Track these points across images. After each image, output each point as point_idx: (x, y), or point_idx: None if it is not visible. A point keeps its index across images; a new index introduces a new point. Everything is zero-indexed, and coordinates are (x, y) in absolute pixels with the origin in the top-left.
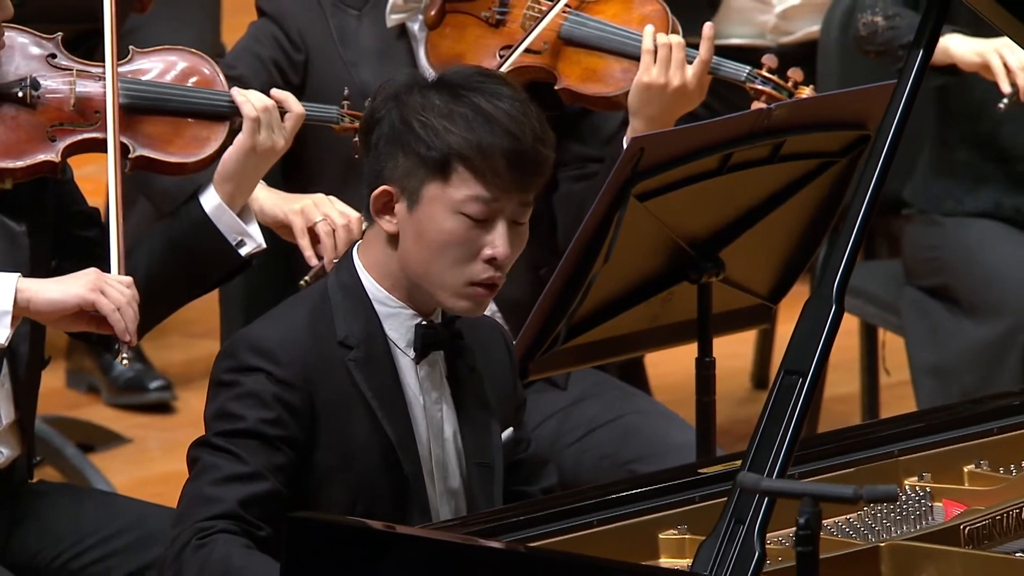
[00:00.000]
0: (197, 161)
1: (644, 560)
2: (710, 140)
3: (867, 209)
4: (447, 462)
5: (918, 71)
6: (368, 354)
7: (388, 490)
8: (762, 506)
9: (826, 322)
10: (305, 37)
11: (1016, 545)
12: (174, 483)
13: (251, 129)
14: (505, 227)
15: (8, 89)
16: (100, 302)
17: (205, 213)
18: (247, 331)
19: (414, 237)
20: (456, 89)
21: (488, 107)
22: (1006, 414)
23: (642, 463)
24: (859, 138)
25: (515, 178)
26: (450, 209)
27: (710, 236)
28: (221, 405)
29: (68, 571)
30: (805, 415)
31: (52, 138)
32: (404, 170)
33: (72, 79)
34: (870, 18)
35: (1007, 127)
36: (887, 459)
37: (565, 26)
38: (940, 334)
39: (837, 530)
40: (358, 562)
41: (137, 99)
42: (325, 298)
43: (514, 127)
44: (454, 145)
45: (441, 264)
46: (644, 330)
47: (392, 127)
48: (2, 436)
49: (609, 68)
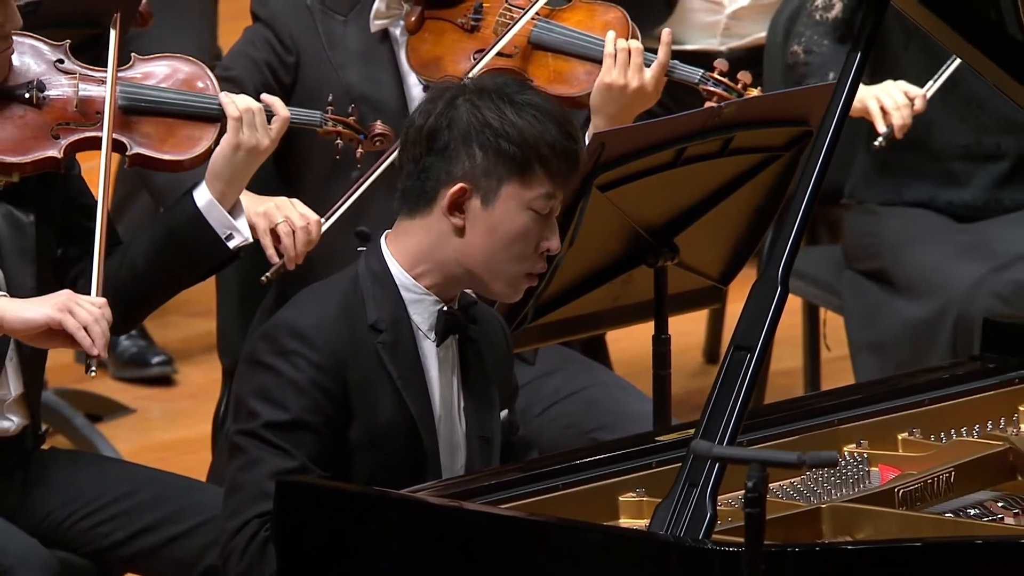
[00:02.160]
0: (190, 159)
1: (605, 521)
2: (666, 136)
3: (809, 199)
4: (457, 438)
5: (856, 72)
6: (395, 338)
7: (407, 465)
8: (714, 471)
9: (772, 302)
10: (296, 40)
11: (945, 506)
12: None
13: (235, 128)
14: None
15: (17, 90)
16: (67, 321)
17: (197, 208)
18: (285, 315)
19: (486, 231)
20: (507, 96)
21: (546, 106)
22: (937, 386)
23: (604, 431)
24: (802, 134)
25: (570, 173)
26: (524, 205)
27: (666, 223)
28: (262, 388)
29: (77, 531)
30: (753, 387)
31: (56, 136)
32: (483, 168)
33: (76, 82)
34: (795, 48)
35: (939, 131)
36: (828, 428)
37: (534, 32)
38: (877, 313)
39: (782, 493)
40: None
41: (134, 101)
42: (356, 284)
43: (569, 126)
44: (533, 143)
45: (506, 256)
46: (605, 310)
47: (470, 126)
48: (12, 407)
49: (574, 70)
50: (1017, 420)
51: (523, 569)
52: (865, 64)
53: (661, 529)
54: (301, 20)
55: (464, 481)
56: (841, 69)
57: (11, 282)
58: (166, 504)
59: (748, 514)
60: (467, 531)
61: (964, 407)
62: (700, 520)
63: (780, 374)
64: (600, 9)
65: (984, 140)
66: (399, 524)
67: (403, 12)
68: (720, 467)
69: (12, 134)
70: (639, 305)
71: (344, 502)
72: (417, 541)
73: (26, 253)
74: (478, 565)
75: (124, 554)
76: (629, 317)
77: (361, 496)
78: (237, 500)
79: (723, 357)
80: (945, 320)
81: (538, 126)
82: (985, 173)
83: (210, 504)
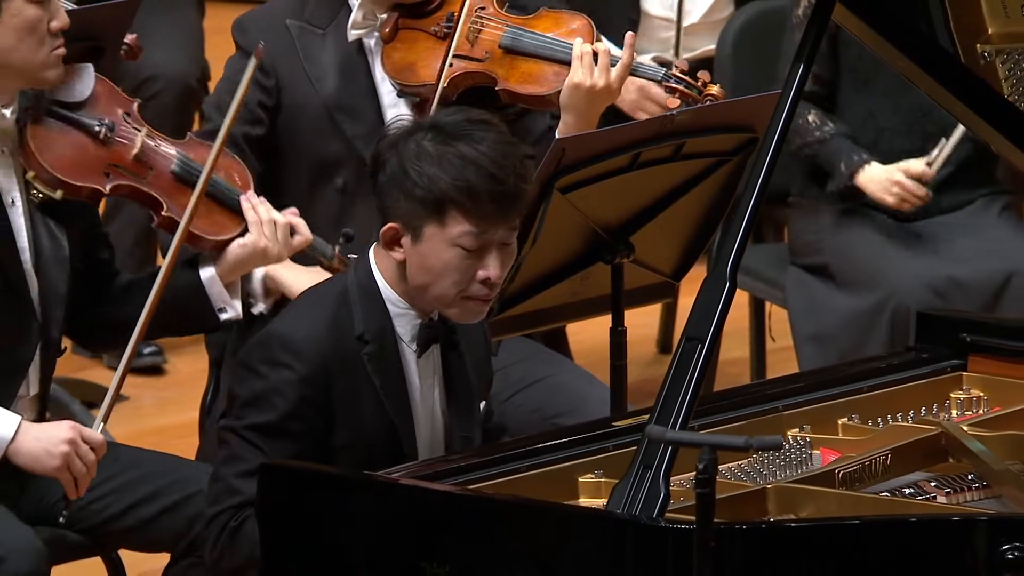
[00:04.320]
0: (212, 241)
1: (566, 500)
2: (622, 141)
3: (756, 200)
4: (436, 439)
5: (799, 83)
6: (380, 348)
7: (387, 466)
8: (667, 454)
9: (721, 296)
10: (275, 62)
11: (882, 486)
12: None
13: (258, 233)
14: (495, 252)
15: (90, 121)
16: (64, 478)
17: (200, 280)
18: (278, 327)
19: (419, 265)
20: (446, 136)
21: (473, 153)
22: (875, 375)
23: (564, 417)
24: (749, 140)
25: (500, 213)
26: (447, 243)
27: (622, 223)
28: (252, 393)
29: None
30: (703, 376)
31: (107, 174)
32: (406, 210)
33: (142, 137)
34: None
35: (887, 138)
36: (773, 414)
37: (505, 37)
38: (818, 307)
39: (731, 474)
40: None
41: (186, 175)
42: (345, 296)
43: (497, 170)
44: (445, 190)
45: (442, 286)
46: (566, 304)
47: (393, 173)
48: (26, 404)
49: (543, 72)
50: (948, 406)
51: (490, 545)
52: (807, 75)
53: (618, 508)
54: (280, 41)
55: (436, 464)
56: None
57: (47, 288)
58: (155, 479)
59: (699, 494)
60: (437, 510)
61: (899, 394)
62: (654, 500)
63: (728, 363)
64: (566, 17)
65: (928, 146)
66: (374, 504)
67: (378, 23)
68: (673, 450)
69: (72, 156)
70: (597, 299)
71: (323, 483)
72: (390, 520)
73: (61, 263)
74: (448, 542)
75: (117, 528)
76: (588, 311)
77: (338, 478)
78: (216, 490)
79: (675, 348)
80: (882, 313)
81: (455, 173)
82: None
83: (196, 478)
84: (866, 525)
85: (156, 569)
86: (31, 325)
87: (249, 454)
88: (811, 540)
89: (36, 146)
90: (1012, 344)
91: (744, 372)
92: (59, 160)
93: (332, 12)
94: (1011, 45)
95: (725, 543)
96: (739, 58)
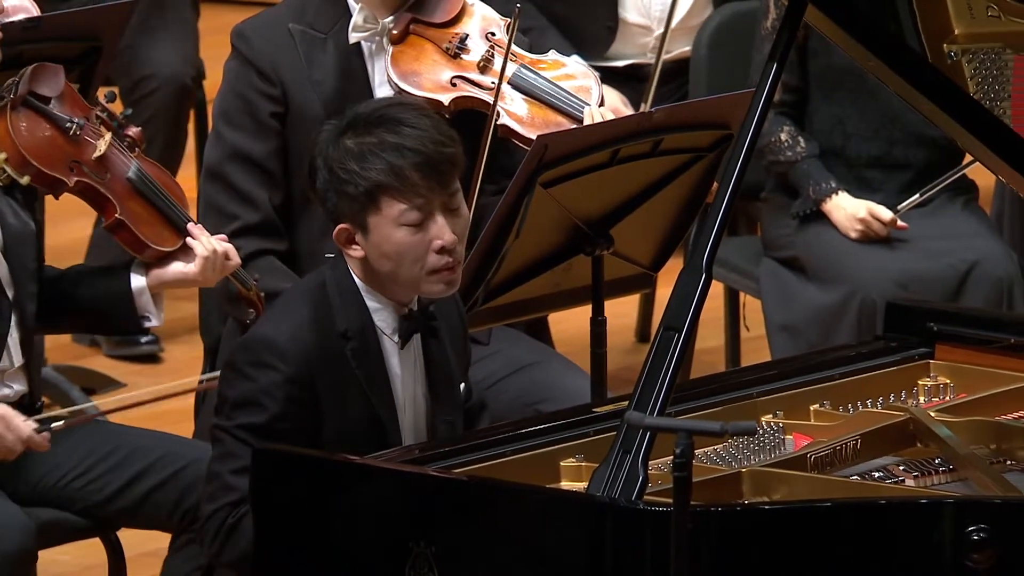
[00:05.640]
0: (151, 250)
1: (548, 483)
2: (602, 138)
3: (731, 194)
4: (419, 426)
5: (772, 82)
6: (362, 343)
7: None
8: (645, 439)
9: (697, 287)
10: (278, 69)
11: (852, 470)
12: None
13: (202, 264)
14: (443, 218)
15: (64, 119)
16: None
17: (131, 289)
18: (261, 329)
19: (377, 256)
20: (364, 129)
21: (390, 137)
22: (844, 363)
23: (546, 404)
24: (724, 136)
25: (430, 182)
26: (392, 226)
27: (602, 217)
28: (241, 395)
29: (71, 490)
30: (680, 364)
31: (71, 168)
32: (347, 209)
33: (106, 141)
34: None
35: (855, 143)
36: (747, 400)
37: (514, 75)
38: (790, 298)
39: (707, 458)
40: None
41: (143, 187)
42: (324, 295)
43: (415, 143)
44: (372, 179)
45: (406, 266)
46: (548, 294)
47: (325, 179)
48: (13, 375)
49: (545, 118)
50: (916, 393)
51: (476, 526)
52: (780, 75)
53: (598, 491)
54: (283, 48)
55: (423, 448)
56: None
57: (16, 265)
58: (147, 454)
59: (676, 477)
60: (425, 493)
61: (869, 381)
62: (633, 483)
63: (704, 352)
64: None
65: (894, 151)
66: (365, 487)
67: (379, 27)
68: (651, 435)
69: (43, 144)
70: (578, 290)
71: (315, 468)
72: (380, 502)
73: (28, 239)
74: (435, 523)
75: (115, 507)
76: (569, 301)
77: (330, 463)
78: (212, 487)
79: (653, 337)
80: (851, 304)
81: (376, 160)
82: (893, 180)
83: (186, 452)
84: (837, 507)
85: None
86: (2, 301)
87: (242, 451)
88: (784, 522)
89: (14, 130)
90: (977, 333)
91: (719, 360)
92: (34, 147)
93: (333, 17)
94: (976, 45)
95: (701, 525)
96: (714, 59)
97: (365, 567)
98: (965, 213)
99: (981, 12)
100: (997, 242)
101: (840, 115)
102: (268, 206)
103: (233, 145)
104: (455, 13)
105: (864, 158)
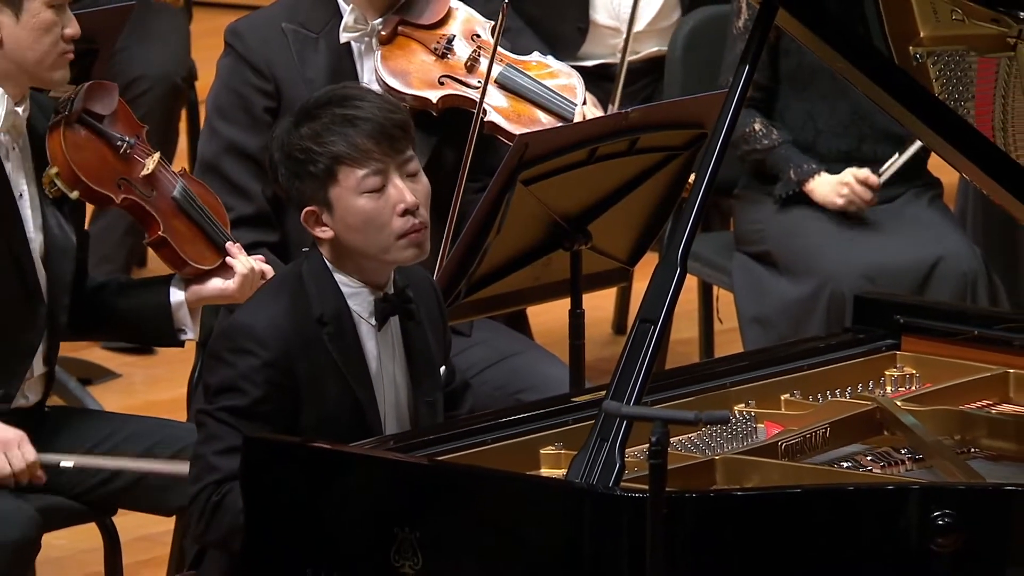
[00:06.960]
0: (191, 268)
1: (528, 471)
2: (580, 137)
3: (704, 191)
4: (400, 409)
5: (744, 83)
6: (338, 328)
7: (355, 438)
8: (622, 427)
9: (672, 281)
10: (272, 66)
11: (822, 458)
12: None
13: (240, 282)
14: (402, 182)
15: (115, 137)
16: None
17: (169, 303)
18: (240, 317)
19: (345, 230)
20: (312, 114)
21: (337, 112)
22: (814, 354)
23: (526, 393)
24: (698, 136)
25: (385, 148)
26: (354, 195)
27: (581, 213)
28: (221, 381)
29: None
30: (656, 355)
31: (119, 185)
32: (309, 190)
33: (152, 161)
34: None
35: (825, 139)
36: (720, 390)
37: (501, 74)
38: (762, 291)
39: (681, 446)
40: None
41: (184, 203)
42: (300, 283)
43: (361, 112)
44: (327, 153)
45: (373, 235)
46: (528, 288)
47: (285, 167)
48: (32, 384)
49: (531, 116)
50: (883, 383)
51: (457, 512)
52: (752, 76)
53: (577, 478)
54: (277, 46)
55: (408, 436)
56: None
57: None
58: (142, 439)
59: (652, 465)
60: (409, 479)
61: (838, 372)
62: (610, 470)
63: (679, 343)
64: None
65: (863, 147)
66: (350, 475)
67: (368, 28)
68: (627, 424)
69: (94, 162)
70: (557, 284)
71: (304, 455)
72: (365, 489)
73: (68, 254)
74: (418, 509)
75: (110, 490)
76: (548, 294)
77: (319, 450)
78: (197, 469)
79: (630, 329)
80: (821, 297)
81: (328, 136)
82: None
83: (180, 436)
84: (807, 493)
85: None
86: (39, 311)
87: (225, 433)
88: (756, 507)
89: (67, 146)
90: (942, 325)
91: (694, 351)
92: (85, 163)
93: (325, 17)
94: (941, 47)
95: (676, 510)
96: (688, 60)
97: (352, 552)
98: (931, 210)
99: (946, 16)
100: (961, 238)
101: (811, 111)
102: (262, 198)
103: (228, 139)
104: (442, 15)
105: (834, 153)
